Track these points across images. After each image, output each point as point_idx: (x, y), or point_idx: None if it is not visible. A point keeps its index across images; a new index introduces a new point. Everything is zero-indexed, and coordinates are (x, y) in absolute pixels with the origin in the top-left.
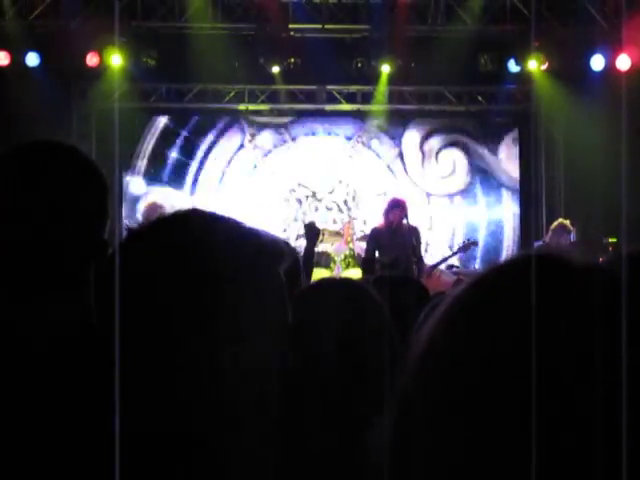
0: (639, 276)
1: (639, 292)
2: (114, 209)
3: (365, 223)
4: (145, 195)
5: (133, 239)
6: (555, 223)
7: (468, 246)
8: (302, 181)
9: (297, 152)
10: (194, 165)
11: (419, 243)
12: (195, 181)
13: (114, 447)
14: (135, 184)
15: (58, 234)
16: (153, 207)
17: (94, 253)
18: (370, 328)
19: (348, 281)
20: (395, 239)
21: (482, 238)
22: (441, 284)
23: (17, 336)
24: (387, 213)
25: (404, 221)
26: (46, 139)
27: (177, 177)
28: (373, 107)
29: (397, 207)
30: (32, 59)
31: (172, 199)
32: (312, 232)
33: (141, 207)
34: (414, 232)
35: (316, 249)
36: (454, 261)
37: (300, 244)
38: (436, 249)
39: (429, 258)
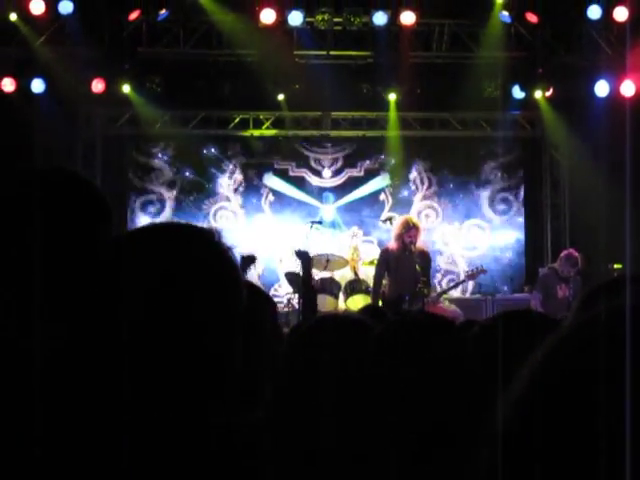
0: None
1: None
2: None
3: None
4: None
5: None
6: (564, 252)
7: (476, 274)
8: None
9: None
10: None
11: (429, 267)
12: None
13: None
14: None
15: (58, 258)
16: None
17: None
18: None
19: (348, 317)
20: (404, 263)
21: (486, 265)
22: (441, 311)
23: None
24: (402, 235)
25: (415, 244)
26: (50, 165)
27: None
28: (378, 133)
29: (414, 228)
30: (37, 85)
31: None
32: (304, 259)
33: None
34: (425, 256)
35: (322, 275)
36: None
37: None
38: (440, 273)
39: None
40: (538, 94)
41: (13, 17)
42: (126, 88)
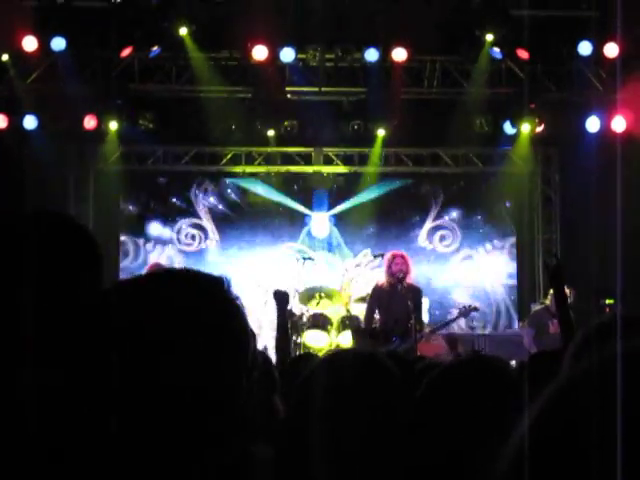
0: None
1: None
2: (112, 268)
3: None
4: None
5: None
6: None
7: (469, 311)
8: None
9: None
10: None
11: (420, 304)
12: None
13: None
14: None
15: (49, 304)
16: (155, 268)
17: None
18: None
19: (359, 353)
20: (396, 298)
21: (477, 299)
22: (434, 348)
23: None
24: (389, 267)
25: (406, 278)
26: (43, 210)
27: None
28: (370, 169)
29: (399, 257)
30: (30, 122)
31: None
32: (281, 299)
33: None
34: (416, 292)
35: (314, 311)
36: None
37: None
38: (432, 309)
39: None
40: (529, 130)
41: (5, 57)
42: (118, 124)
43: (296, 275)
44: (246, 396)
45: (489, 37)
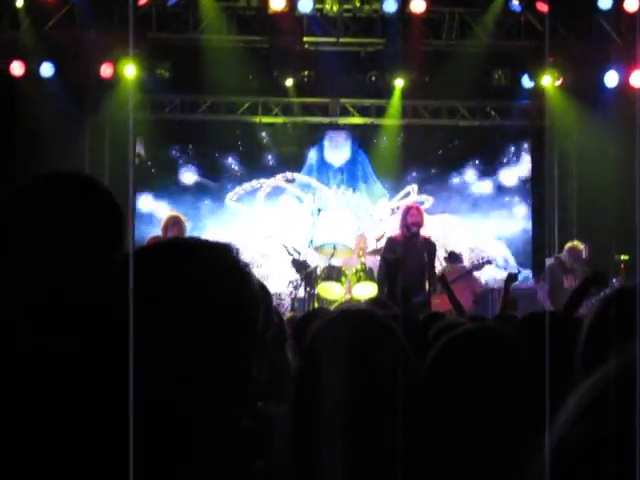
0: None
1: None
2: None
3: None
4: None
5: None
6: (568, 244)
7: (482, 265)
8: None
9: None
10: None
11: (433, 258)
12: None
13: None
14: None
15: (72, 264)
16: (172, 220)
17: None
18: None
19: (363, 312)
20: (411, 251)
21: (492, 254)
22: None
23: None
24: (404, 219)
25: (421, 231)
26: (63, 171)
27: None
28: (387, 121)
29: (414, 208)
30: (46, 69)
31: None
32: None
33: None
34: (431, 246)
35: (328, 263)
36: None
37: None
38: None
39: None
40: (548, 83)
41: (20, 3)
42: (135, 73)
43: (311, 227)
44: (256, 363)
45: None
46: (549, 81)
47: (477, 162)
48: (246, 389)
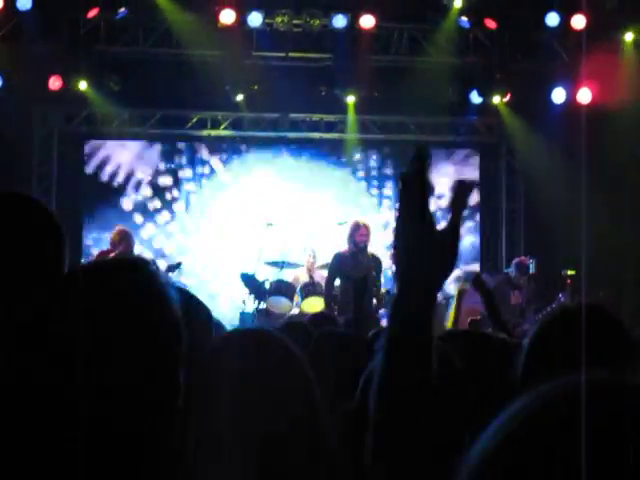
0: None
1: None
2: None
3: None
4: None
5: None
6: (515, 260)
7: None
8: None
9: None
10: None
11: (380, 273)
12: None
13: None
14: None
15: (14, 284)
16: (120, 234)
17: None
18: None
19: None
20: (358, 267)
21: None
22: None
23: None
24: (352, 235)
25: (368, 247)
26: (4, 191)
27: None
28: (337, 135)
29: (363, 227)
30: None
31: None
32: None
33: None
34: (377, 262)
35: (277, 277)
36: None
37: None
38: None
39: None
40: (496, 99)
41: None
42: (83, 85)
43: (260, 241)
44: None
45: (457, 5)
46: (498, 98)
47: None
48: (173, 402)
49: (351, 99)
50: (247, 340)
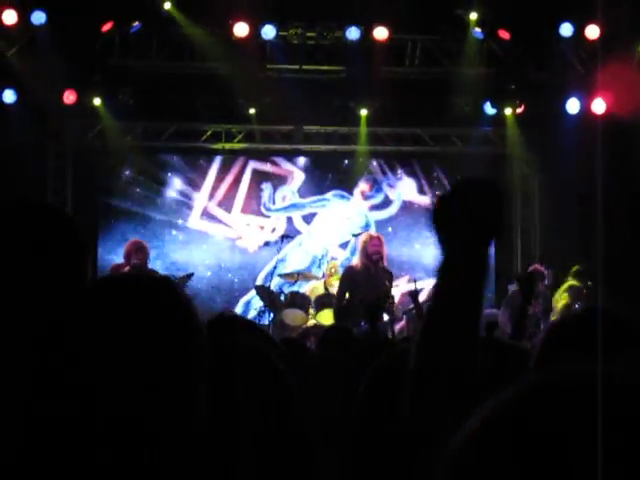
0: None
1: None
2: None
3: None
4: None
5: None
6: (530, 268)
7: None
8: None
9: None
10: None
11: (391, 286)
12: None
13: None
14: None
15: (35, 294)
16: (134, 246)
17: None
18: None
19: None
20: (371, 281)
21: None
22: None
23: None
24: (365, 247)
25: (381, 260)
26: (30, 199)
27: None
28: (350, 148)
29: (375, 239)
30: (9, 96)
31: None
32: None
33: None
34: (388, 276)
35: (292, 289)
36: None
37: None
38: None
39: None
40: (509, 111)
41: None
42: (97, 101)
43: (276, 252)
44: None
45: (471, 17)
46: (511, 108)
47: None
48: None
49: (364, 112)
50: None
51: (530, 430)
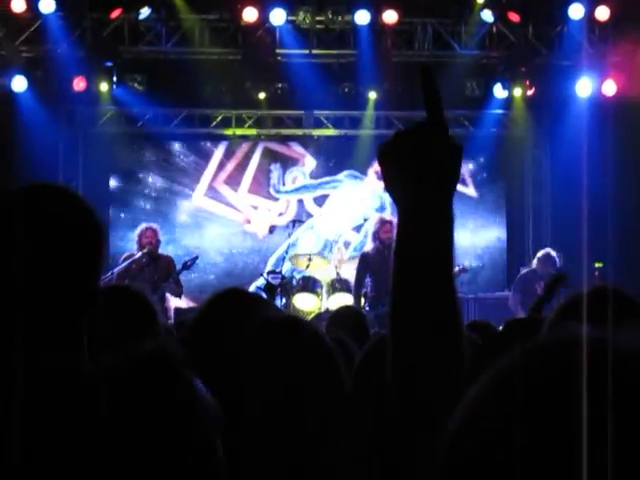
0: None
1: None
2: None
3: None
4: None
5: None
6: (541, 252)
7: (458, 273)
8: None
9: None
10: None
11: None
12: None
13: None
14: None
15: (51, 283)
16: (145, 231)
17: (87, 302)
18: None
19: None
20: (385, 263)
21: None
22: None
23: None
24: (377, 232)
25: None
26: (45, 183)
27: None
28: (361, 132)
29: (388, 223)
30: (19, 84)
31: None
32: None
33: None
34: None
35: (303, 274)
36: None
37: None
38: None
39: None
40: (519, 93)
41: None
42: (108, 86)
43: (287, 237)
44: None
45: None
46: (519, 91)
47: None
48: None
49: (372, 95)
50: (280, 328)
51: (539, 380)
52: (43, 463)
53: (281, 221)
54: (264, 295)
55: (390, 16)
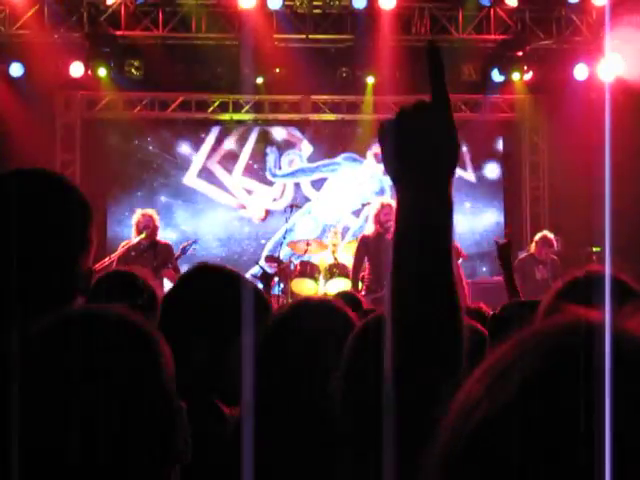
0: None
1: None
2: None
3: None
4: None
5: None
6: (539, 235)
7: (456, 258)
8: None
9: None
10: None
11: None
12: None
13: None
14: None
15: (40, 266)
16: (143, 218)
17: (77, 284)
18: None
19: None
20: (384, 246)
21: (466, 248)
22: None
23: None
24: (377, 215)
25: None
26: (34, 168)
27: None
28: (358, 117)
29: (387, 206)
30: (16, 70)
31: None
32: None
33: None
34: None
35: (301, 259)
36: None
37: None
38: None
39: None
40: (517, 77)
41: None
42: (104, 71)
43: (284, 221)
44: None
45: None
46: (519, 75)
47: None
48: None
49: (370, 80)
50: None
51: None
52: None
53: (277, 206)
54: (259, 284)
55: (387, 1)
